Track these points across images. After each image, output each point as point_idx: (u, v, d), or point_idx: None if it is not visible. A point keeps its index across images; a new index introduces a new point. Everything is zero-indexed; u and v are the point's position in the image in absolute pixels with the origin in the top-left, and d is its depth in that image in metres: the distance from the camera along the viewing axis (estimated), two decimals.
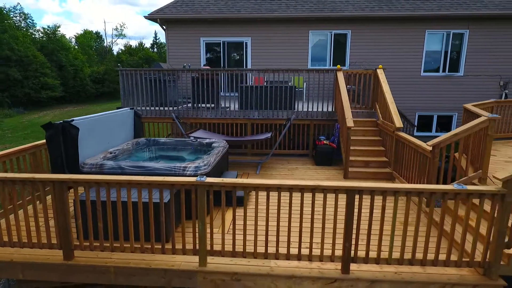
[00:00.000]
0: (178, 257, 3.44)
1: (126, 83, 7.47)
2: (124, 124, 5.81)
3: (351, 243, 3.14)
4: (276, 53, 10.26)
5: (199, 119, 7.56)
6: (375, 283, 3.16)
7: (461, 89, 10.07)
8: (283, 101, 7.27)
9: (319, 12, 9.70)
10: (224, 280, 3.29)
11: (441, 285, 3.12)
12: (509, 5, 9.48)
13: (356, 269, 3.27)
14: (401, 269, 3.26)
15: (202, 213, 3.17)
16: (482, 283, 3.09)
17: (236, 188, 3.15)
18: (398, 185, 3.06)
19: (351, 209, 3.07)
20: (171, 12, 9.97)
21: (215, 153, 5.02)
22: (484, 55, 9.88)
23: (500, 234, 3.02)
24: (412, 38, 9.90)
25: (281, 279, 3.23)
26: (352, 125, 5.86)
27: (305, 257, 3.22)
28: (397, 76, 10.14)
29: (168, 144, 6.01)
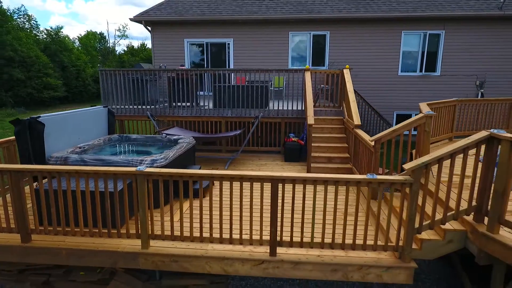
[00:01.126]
0: (126, 240, 3.77)
1: (106, 82, 7.83)
2: (97, 121, 6.17)
3: (276, 228, 3.44)
4: (257, 53, 10.57)
5: (175, 117, 7.90)
6: (299, 264, 3.45)
7: (438, 88, 10.29)
8: (254, 100, 7.57)
9: (298, 14, 9.99)
10: (164, 262, 3.61)
11: (359, 267, 3.41)
12: (483, 7, 9.68)
13: (285, 252, 3.57)
14: (325, 253, 3.55)
15: (142, 200, 3.49)
16: (396, 265, 3.37)
17: (172, 177, 3.47)
18: (317, 175, 3.35)
19: (275, 197, 3.37)
20: (156, 14, 10.33)
21: (177, 148, 5.34)
22: (460, 55, 10.09)
23: (410, 220, 3.30)
24: (389, 38, 10.14)
25: (214, 260, 3.54)
26: (313, 123, 6.15)
27: (236, 241, 3.53)
28: (375, 76, 10.40)
29: (139, 140, 6.35)
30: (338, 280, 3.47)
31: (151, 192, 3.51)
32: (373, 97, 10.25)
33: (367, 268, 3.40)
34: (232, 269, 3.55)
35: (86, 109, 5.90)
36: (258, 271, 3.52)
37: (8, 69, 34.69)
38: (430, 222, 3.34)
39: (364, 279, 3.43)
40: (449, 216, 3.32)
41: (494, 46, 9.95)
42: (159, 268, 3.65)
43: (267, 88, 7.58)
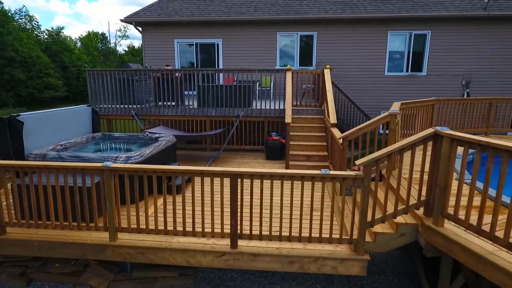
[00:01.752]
0: (95, 233, 3.94)
1: (93, 82, 8.02)
2: (80, 119, 6.35)
3: (236, 221, 3.59)
4: (246, 53, 10.72)
5: (161, 116, 8.07)
6: (258, 256, 3.60)
7: (424, 88, 10.39)
8: (237, 100, 7.72)
9: (285, 15, 10.13)
10: (130, 253, 3.77)
11: (314, 259, 3.55)
12: (468, 7, 9.77)
13: (246, 245, 3.72)
14: (284, 246, 3.69)
15: (109, 194, 3.65)
16: (350, 257, 3.51)
17: (137, 172, 3.63)
18: (274, 171, 3.49)
19: (235, 191, 3.52)
20: (146, 15, 10.51)
21: (154, 146, 5.51)
22: (446, 55, 10.19)
23: (363, 214, 3.44)
24: (376, 39, 10.26)
25: (177, 252, 3.70)
26: (290, 122, 6.30)
27: (199, 233, 3.69)
28: (362, 76, 10.52)
29: (121, 138, 6.52)
30: (295, 271, 3.62)
31: (117, 187, 3.68)
32: (361, 96, 10.37)
33: (322, 260, 3.54)
34: (195, 260, 3.70)
35: (68, 108, 6.08)
36: (220, 262, 3.67)
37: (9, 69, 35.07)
38: (382, 216, 3.48)
39: (320, 270, 3.57)
40: (399, 210, 3.46)
41: (479, 46, 10.04)
42: (126, 259, 3.81)
43: (250, 88, 7.73)
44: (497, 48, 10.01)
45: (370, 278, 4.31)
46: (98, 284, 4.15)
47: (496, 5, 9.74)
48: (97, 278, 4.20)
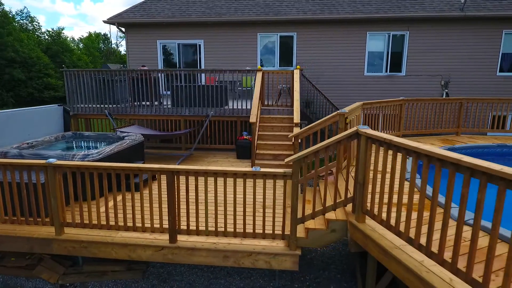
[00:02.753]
0: (44, 228, 4.08)
1: (70, 83, 8.19)
2: (50, 119, 6.51)
3: (174, 217, 3.71)
4: (228, 54, 10.85)
5: (136, 115, 8.22)
6: (194, 250, 3.72)
7: (404, 88, 10.44)
8: (211, 100, 7.85)
9: (265, 16, 10.24)
10: (75, 247, 3.91)
11: (248, 254, 3.66)
12: (445, 8, 9.80)
13: (185, 240, 3.84)
14: (222, 241, 3.81)
15: (53, 190, 3.80)
16: (282, 252, 3.62)
17: (80, 169, 3.77)
18: (209, 168, 3.61)
19: (171, 187, 3.64)
20: (129, 17, 10.68)
21: (117, 144, 5.65)
22: (425, 55, 10.23)
23: (293, 211, 3.54)
24: (355, 39, 10.33)
25: (119, 246, 3.83)
26: (254, 121, 6.41)
27: (139, 228, 3.82)
28: (342, 76, 10.60)
29: (91, 137, 6.67)
30: (231, 266, 3.73)
31: (61, 182, 3.82)
32: (341, 96, 10.44)
33: (256, 255, 3.65)
34: (136, 254, 3.83)
35: (37, 107, 6.25)
36: (159, 256, 3.80)
37: (9, 69, 35.49)
38: (312, 212, 3.59)
39: (255, 265, 3.68)
40: (328, 207, 3.56)
41: (457, 46, 10.07)
42: (71, 253, 3.95)
43: (222, 88, 7.85)
44: (475, 48, 10.04)
45: (314, 273, 4.41)
46: (49, 277, 4.29)
47: (474, 6, 9.77)
48: (49, 272, 4.34)
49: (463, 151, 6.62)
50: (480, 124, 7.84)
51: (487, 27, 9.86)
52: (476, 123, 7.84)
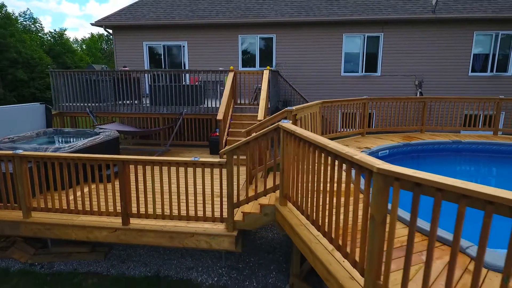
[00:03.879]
0: (14, 212, 4.55)
1: (56, 82, 8.69)
2: (32, 116, 7.01)
3: (125, 202, 4.16)
4: (210, 55, 11.30)
5: (118, 113, 8.69)
6: (143, 232, 4.17)
7: (379, 88, 10.80)
8: (187, 99, 8.30)
9: (245, 18, 10.67)
10: (40, 229, 4.38)
11: (191, 235, 4.10)
12: (418, 10, 10.16)
13: (137, 223, 4.29)
14: (170, 223, 4.25)
15: (21, 177, 4.27)
16: (220, 233, 4.05)
17: (43, 159, 4.23)
18: (154, 158, 4.05)
19: (123, 175, 4.09)
20: (116, 20, 11.17)
21: (90, 139, 6.12)
22: (399, 56, 10.59)
23: (229, 197, 3.97)
24: (332, 41, 10.72)
25: (78, 228, 4.29)
26: (221, 118, 6.85)
27: (96, 212, 4.28)
28: (319, 76, 10.99)
29: (70, 133, 7.16)
30: (177, 245, 4.17)
31: (27, 171, 4.29)
32: (319, 95, 10.81)
33: (198, 236, 4.09)
34: (93, 235, 4.29)
35: (19, 105, 6.74)
36: (113, 237, 4.25)
37: (12, 70, 36.24)
38: (245, 198, 4.02)
39: (197, 245, 4.12)
40: (260, 193, 3.99)
41: (429, 47, 10.42)
42: (37, 234, 4.42)
43: (197, 87, 8.29)
44: (447, 49, 10.37)
45: (260, 256, 4.84)
46: (20, 257, 4.77)
47: (445, 8, 10.11)
48: (20, 252, 4.83)
49: (419, 147, 7.02)
50: (448, 122, 8.19)
51: (458, 29, 10.20)
52: (445, 122, 8.18)
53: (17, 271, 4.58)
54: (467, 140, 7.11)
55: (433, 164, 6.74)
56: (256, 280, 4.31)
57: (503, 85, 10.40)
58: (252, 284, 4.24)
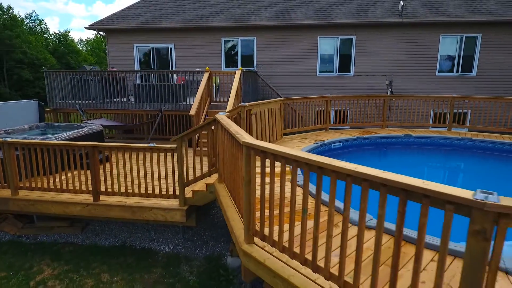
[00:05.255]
0: (4, 191, 5.38)
1: (50, 81, 9.56)
2: (26, 112, 7.86)
3: (95, 181, 4.96)
4: (196, 56, 12.10)
5: (106, 110, 9.54)
6: (110, 207, 4.96)
7: (353, 87, 11.50)
8: (167, 96, 9.10)
9: (227, 22, 11.45)
10: (25, 205, 5.20)
11: (149, 209, 4.88)
12: (386, 15, 10.84)
13: (107, 199, 5.08)
14: (133, 200, 5.04)
15: (9, 161, 5.10)
16: (172, 208, 4.82)
17: (28, 145, 5.05)
18: (122, 144, 4.84)
19: (93, 159, 4.89)
20: (108, 23, 12.03)
21: (75, 131, 6.95)
22: (371, 57, 11.28)
23: (180, 177, 4.75)
24: (308, 43, 11.45)
25: (56, 204, 5.10)
26: (193, 114, 7.63)
27: (72, 190, 5.08)
28: (297, 76, 11.73)
29: (60, 127, 8.00)
30: (138, 218, 4.95)
31: (14, 156, 5.11)
32: (296, 94, 11.55)
33: (155, 210, 4.87)
34: (69, 210, 5.10)
35: (14, 101, 7.60)
36: (86, 212, 5.05)
37: (17, 70, 37.46)
38: (193, 178, 4.80)
39: (156, 218, 4.90)
40: (205, 174, 4.77)
41: (399, 49, 11.09)
42: (22, 209, 5.25)
43: (177, 86, 9.09)
44: (415, 51, 11.04)
45: (214, 230, 5.61)
46: (10, 230, 5.61)
47: (412, 13, 10.78)
48: (10, 226, 5.66)
49: (372, 141, 7.73)
50: (406, 118, 8.89)
51: (426, 32, 10.86)
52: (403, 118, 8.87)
53: (7, 241, 5.41)
54: (416, 135, 7.80)
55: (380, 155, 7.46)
56: (206, 249, 5.08)
57: (469, 85, 11.04)
58: (201, 252, 5.02)
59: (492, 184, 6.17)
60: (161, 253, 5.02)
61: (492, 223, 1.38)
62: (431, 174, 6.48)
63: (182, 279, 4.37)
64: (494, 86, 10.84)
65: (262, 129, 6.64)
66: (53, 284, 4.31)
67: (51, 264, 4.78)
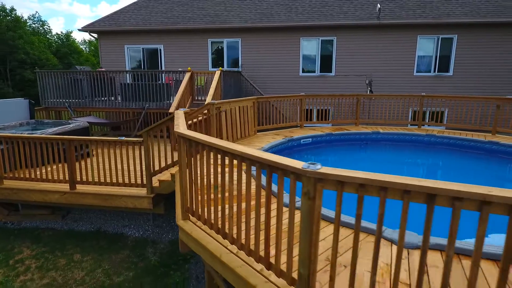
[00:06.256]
0: None
1: (42, 81, 10.08)
2: (17, 109, 8.39)
3: (72, 171, 5.44)
4: (184, 57, 12.58)
5: (95, 108, 10.04)
6: (85, 194, 5.44)
7: (334, 86, 11.91)
8: (152, 95, 9.59)
9: (213, 24, 11.92)
10: (9, 193, 5.70)
11: (119, 197, 5.34)
12: (365, 17, 11.24)
13: (84, 188, 5.56)
14: (106, 188, 5.50)
15: None
16: (140, 195, 5.29)
17: (11, 139, 5.55)
18: (91, 138, 5.32)
19: (69, 151, 5.37)
20: (100, 26, 12.55)
21: (60, 127, 7.44)
22: (351, 58, 11.68)
23: (147, 167, 5.22)
24: (290, 44, 11.88)
25: (36, 192, 5.59)
26: (172, 111, 8.10)
27: (51, 180, 5.57)
28: (281, 76, 12.17)
29: (49, 124, 8.50)
30: (110, 205, 5.42)
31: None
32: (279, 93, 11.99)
33: (125, 198, 5.34)
34: (48, 197, 5.59)
35: (6, 100, 8.13)
36: (63, 199, 5.53)
37: (20, 70, 38.23)
38: (159, 168, 5.26)
39: (126, 205, 5.37)
40: (169, 165, 5.23)
41: (377, 50, 11.48)
42: (7, 197, 5.75)
43: (161, 85, 9.57)
44: (393, 52, 11.42)
45: None
46: None
47: (390, 15, 11.17)
48: None
49: (342, 137, 8.14)
50: (379, 116, 9.29)
51: (403, 33, 11.24)
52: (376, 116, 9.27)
53: None
54: (384, 131, 8.21)
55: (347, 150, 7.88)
56: (172, 234, 5.55)
57: (446, 84, 11.40)
58: (168, 236, 5.49)
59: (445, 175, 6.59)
60: (131, 238, 5.49)
61: (314, 186, 1.82)
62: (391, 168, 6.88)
63: (145, 259, 4.84)
64: (470, 86, 11.19)
65: (233, 126, 7.08)
66: (30, 263, 4.80)
67: (31, 246, 5.28)
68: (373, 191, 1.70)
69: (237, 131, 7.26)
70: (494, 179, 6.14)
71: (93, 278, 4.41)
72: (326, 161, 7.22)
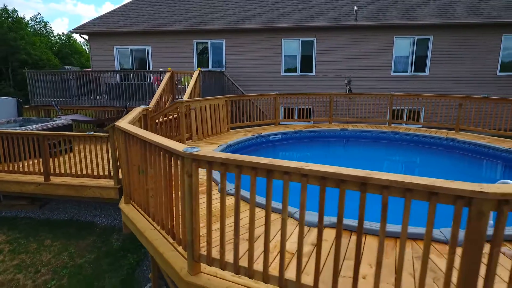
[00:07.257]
0: None
1: (32, 81, 10.58)
2: (5, 107, 8.86)
3: (46, 164, 5.88)
4: (170, 58, 13.02)
5: (81, 107, 10.52)
6: (58, 185, 5.88)
7: (315, 86, 12.28)
8: (135, 94, 10.04)
9: (198, 26, 12.35)
10: None
11: (89, 187, 5.78)
12: (344, 19, 11.59)
13: (58, 179, 6.00)
14: (77, 180, 5.94)
15: None
16: (108, 186, 5.71)
17: None
18: (64, 133, 5.76)
19: (43, 145, 5.81)
20: (89, 28, 13.03)
21: (43, 124, 7.90)
22: (330, 58, 12.04)
23: (114, 160, 5.64)
24: (272, 45, 12.27)
25: (15, 183, 6.03)
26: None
27: (27, 172, 6.02)
28: (263, 76, 12.56)
29: (35, 121, 8.98)
30: (81, 195, 5.86)
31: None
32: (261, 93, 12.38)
33: (94, 188, 5.76)
34: (25, 188, 6.03)
35: None
36: (39, 190, 5.98)
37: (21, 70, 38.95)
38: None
39: (94, 195, 5.80)
40: None
41: (356, 50, 11.83)
42: None
43: (143, 85, 10.02)
44: (371, 52, 11.77)
45: None
46: None
47: (367, 16, 11.51)
48: None
49: (311, 134, 8.52)
50: (351, 114, 9.65)
51: (380, 34, 11.58)
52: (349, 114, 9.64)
53: None
54: (351, 129, 8.58)
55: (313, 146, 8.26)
56: None
57: (422, 83, 11.72)
58: None
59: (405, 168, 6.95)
60: (100, 226, 5.93)
61: (190, 166, 2.22)
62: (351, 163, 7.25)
63: (108, 244, 5.27)
64: (445, 85, 11.50)
65: (203, 123, 7.50)
66: (3, 247, 5.25)
67: (7, 232, 5.73)
68: (246, 171, 2.04)
69: (208, 128, 7.67)
70: (440, 172, 6.49)
71: (58, 260, 4.84)
72: (292, 157, 7.61)
